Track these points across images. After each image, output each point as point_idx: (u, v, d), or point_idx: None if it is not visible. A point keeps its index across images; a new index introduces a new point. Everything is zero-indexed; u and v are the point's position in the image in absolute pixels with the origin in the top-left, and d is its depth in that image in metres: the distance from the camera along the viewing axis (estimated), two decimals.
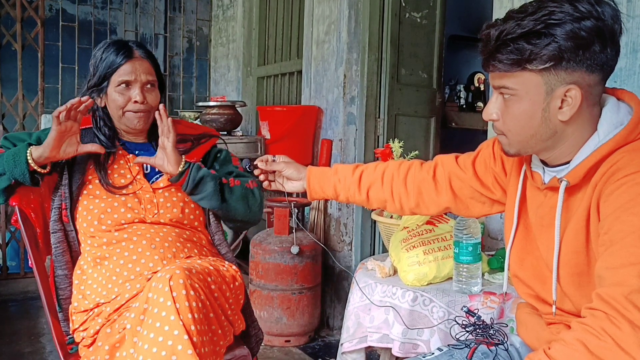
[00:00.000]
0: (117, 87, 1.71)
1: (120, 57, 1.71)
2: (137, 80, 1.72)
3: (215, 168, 1.86)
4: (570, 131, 1.10)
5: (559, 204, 1.13)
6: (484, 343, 1.32)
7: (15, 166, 1.57)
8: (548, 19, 1.03)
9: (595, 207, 1.06)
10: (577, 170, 1.10)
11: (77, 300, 1.66)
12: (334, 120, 3.34)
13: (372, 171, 1.56)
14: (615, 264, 0.96)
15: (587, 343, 0.91)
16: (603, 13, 1.02)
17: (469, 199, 1.45)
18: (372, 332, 1.85)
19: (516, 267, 1.30)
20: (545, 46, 1.03)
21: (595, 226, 1.06)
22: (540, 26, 1.03)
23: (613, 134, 1.07)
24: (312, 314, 3.09)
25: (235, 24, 4.79)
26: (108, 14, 4.87)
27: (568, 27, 1.02)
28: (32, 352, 2.90)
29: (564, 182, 1.11)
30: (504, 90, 1.12)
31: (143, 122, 1.76)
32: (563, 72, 1.05)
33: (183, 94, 5.14)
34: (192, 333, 1.39)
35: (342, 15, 3.25)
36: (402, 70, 3.32)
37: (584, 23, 1.01)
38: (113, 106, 1.74)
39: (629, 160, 1.03)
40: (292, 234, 3.00)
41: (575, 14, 1.02)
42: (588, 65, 1.04)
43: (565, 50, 1.02)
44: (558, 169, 1.15)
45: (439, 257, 1.87)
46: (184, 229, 1.75)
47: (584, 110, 1.08)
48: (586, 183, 1.10)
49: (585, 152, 1.09)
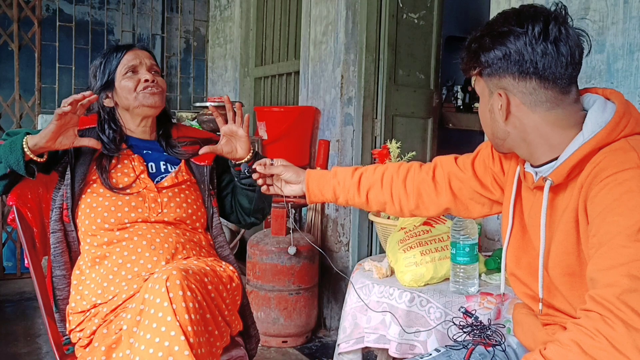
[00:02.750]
0: (124, 75, 1.74)
1: (120, 51, 1.77)
2: (142, 63, 1.77)
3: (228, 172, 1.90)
4: (523, 133, 1.17)
5: (543, 204, 1.16)
6: (482, 344, 1.32)
7: (10, 152, 1.55)
8: (486, 30, 1.15)
9: (582, 209, 1.08)
10: (560, 169, 1.12)
11: (75, 301, 1.66)
12: (332, 120, 3.34)
13: (372, 173, 1.56)
14: (605, 265, 0.97)
15: (581, 343, 0.92)
16: (528, 29, 1.10)
17: (468, 199, 1.46)
18: (369, 333, 1.85)
19: (513, 265, 1.31)
20: (475, 52, 1.16)
21: (585, 228, 1.07)
22: (477, 35, 1.16)
23: (595, 133, 1.09)
24: (309, 315, 3.09)
25: (232, 25, 4.79)
26: (105, 14, 4.87)
27: (492, 39, 1.13)
28: (28, 353, 2.90)
29: (548, 182, 1.14)
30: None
31: (158, 99, 1.77)
32: (494, 78, 1.16)
33: (180, 95, 5.13)
34: (189, 334, 1.39)
35: (339, 16, 3.25)
36: (399, 71, 3.32)
37: (509, 36, 1.11)
38: (125, 93, 1.74)
39: (610, 160, 1.05)
40: (289, 235, 3.00)
41: (503, 28, 1.11)
42: (512, 73, 1.12)
43: (492, 58, 1.13)
44: (543, 168, 1.18)
45: (436, 257, 1.87)
46: (185, 229, 1.75)
47: (528, 114, 1.15)
48: (572, 182, 1.12)
49: (569, 151, 1.12)
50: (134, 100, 1.74)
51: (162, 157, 1.81)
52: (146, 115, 1.79)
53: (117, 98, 1.77)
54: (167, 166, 1.81)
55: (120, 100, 1.77)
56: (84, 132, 1.74)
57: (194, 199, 1.79)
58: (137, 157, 1.77)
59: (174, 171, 1.80)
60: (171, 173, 1.79)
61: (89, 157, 1.72)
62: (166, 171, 1.79)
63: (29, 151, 1.56)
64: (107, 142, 1.75)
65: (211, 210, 1.83)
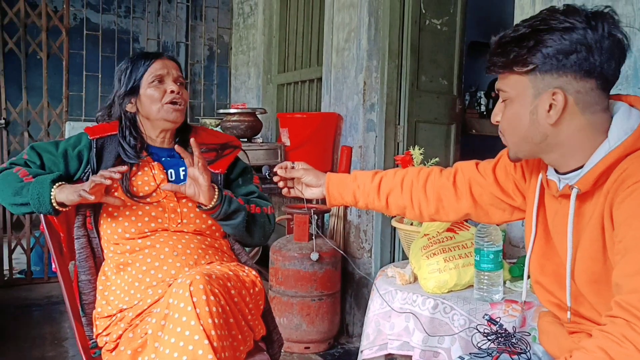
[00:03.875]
0: (150, 83, 1.75)
1: (149, 59, 1.78)
2: (169, 74, 1.78)
3: (239, 183, 1.89)
4: (564, 136, 1.12)
5: (570, 212, 1.14)
6: (507, 352, 1.31)
7: (40, 206, 1.59)
8: (538, 25, 1.08)
9: (608, 215, 1.07)
10: (587, 177, 1.10)
11: (101, 306, 1.69)
12: (354, 127, 3.34)
13: (392, 177, 1.56)
14: (631, 271, 0.96)
15: (608, 350, 0.91)
16: (595, 26, 1.05)
17: (489, 205, 1.45)
18: (393, 340, 1.84)
19: (537, 273, 1.30)
20: (530, 49, 1.08)
21: (610, 234, 1.06)
22: (529, 31, 1.09)
23: (622, 140, 1.08)
24: (331, 321, 3.08)
25: (255, 32, 4.83)
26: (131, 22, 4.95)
27: (555, 35, 1.06)
28: (55, 356, 2.94)
29: (575, 190, 1.12)
30: (501, 92, 1.18)
31: (180, 115, 1.78)
32: (548, 76, 1.09)
33: (204, 101, 5.18)
34: (213, 338, 1.40)
35: (362, 22, 3.25)
36: (422, 77, 3.31)
37: (571, 32, 1.06)
38: (149, 102, 1.76)
39: (637, 167, 1.04)
40: (311, 241, 3.01)
41: (565, 24, 1.06)
42: (574, 71, 1.07)
43: (549, 55, 1.07)
44: (570, 175, 1.16)
45: (459, 264, 1.86)
46: (205, 236, 1.77)
47: (577, 116, 1.10)
48: (598, 190, 1.10)
49: (595, 158, 1.10)
50: (157, 112, 1.76)
51: (181, 164, 1.82)
52: (166, 129, 1.81)
53: (140, 105, 1.78)
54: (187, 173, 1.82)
55: (143, 108, 1.78)
56: (104, 139, 1.77)
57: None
58: (157, 165, 1.79)
59: None
60: None
61: (110, 164, 1.74)
62: (185, 178, 1.80)
63: (56, 204, 1.59)
64: (128, 149, 1.76)
65: None
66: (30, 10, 3.96)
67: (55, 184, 1.60)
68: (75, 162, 1.74)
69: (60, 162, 1.73)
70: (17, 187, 1.62)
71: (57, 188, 1.60)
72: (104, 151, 1.76)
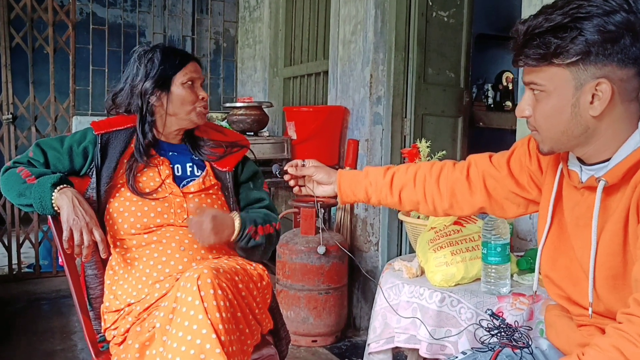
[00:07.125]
0: (183, 84, 1.76)
1: (184, 58, 1.78)
2: (199, 78, 1.81)
3: (250, 187, 1.89)
4: (603, 127, 1.07)
5: (596, 204, 1.10)
6: (509, 346, 1.30)
7: (43, 209, 1.61)
8: (576, 13, 1.01)
9: (634, 209, 1.03)
10: (616, 170, 1.07)
11: (109, 300, 1.69)
12: (361, 120, 3.33)
13: (404, 173, 1.54)
14: None
15: (623, 349, 0.89)
16: (636, 6, 1.00)
17: (503, 199, 1.42)
18: (400, 333, 1.84)
19: (548, 267, 1.27)
20: (572, 40, 1.02)
21: (634, 228, 1.03)
22: (568, 20, 1.02)
23: None
24: (338, 314, 3.09)
25: (261, 25, 4.82)
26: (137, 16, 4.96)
27: (596, 21, 1.00)
28: (64, 350, 2.96)
29: (602, 182, 1.08)
30: (534, 86, 1.11)
31: (205, 119, 1.83)
32: (592, 67, 1.03)
33: (210, 95, 5.18)
34: (220, 332, 1.40)
35: (368, 15, 3.24)
36: (429, 70, 3.29)
37: (613, 16, 1.00)
38: (179, 102, 1.75)
39: None
40: (318, 234, 3.01)
41: (605, 7, 1.00)
42: (619, 59, 1.02)
43: (593, 44, 1.01)
44: (596, 167, 1.12)
45: (466, 257, 1.86)
46: None
47: (617, 105, 1.06)
48: (625, 183, 1.07)
49: (625, 151, 1.06)
50: (186, 113, 1.77)
51: (188, 159, 1.83)
52: (186, 128, 1.82)
53: (167, 101, 1.75)
54: (194, 168, 1.82)
55: (171, 106, 1.76)
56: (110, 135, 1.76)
57: (220, 204, 1.80)
58: (164, 160, 1.79)
59: (201, 176, 1.80)
60: (198, 178, 1.79)
61: (115, 158, 1.73)
62: (192, 174, 1.80)
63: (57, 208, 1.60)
64: (144, 145, 1.75)
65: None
66: (36, 5, 3.97)
67: (56, 187, 1.60)
68: (81, 158, 1.74)
69: (65, 158, 1.73)
70: (20, 189, 1.63)
71: (58, 192, 1.59)
72: (109, 147, 1.75)
